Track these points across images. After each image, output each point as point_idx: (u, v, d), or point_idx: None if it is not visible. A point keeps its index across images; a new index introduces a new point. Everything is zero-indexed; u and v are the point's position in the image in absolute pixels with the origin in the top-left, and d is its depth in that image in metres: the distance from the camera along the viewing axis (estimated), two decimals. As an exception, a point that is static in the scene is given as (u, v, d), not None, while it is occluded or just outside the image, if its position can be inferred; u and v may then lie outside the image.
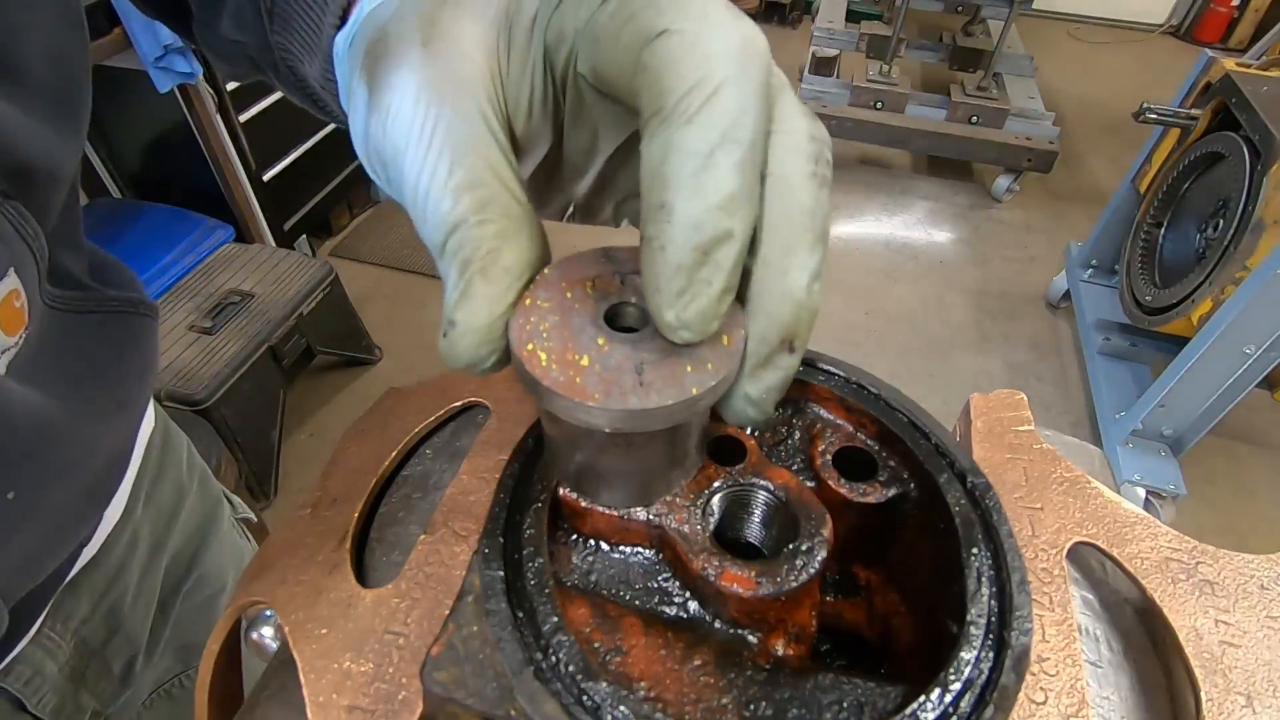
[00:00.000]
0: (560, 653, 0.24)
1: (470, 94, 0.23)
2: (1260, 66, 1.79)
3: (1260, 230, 1.53)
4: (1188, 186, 1.89)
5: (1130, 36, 4.54)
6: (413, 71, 0.23)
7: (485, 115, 0.23)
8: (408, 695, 0.26)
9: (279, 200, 2.27)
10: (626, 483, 0.28)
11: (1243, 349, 1.57)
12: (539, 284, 0.25)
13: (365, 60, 0.25)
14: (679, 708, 0.24)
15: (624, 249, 0.26)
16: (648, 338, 0.23)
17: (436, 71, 0.23)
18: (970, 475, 0.29)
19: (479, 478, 0.33)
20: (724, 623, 0.28)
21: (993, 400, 0.37)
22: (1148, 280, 1.92)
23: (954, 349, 2.32)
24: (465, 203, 0.22)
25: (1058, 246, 2.67)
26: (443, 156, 0.22)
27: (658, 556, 0.30)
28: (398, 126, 0.23)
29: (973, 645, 0.24)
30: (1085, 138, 3.42)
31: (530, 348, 0.23)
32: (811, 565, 0.26)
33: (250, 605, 0.33)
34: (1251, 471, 2.02)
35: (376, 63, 0.24)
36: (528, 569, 0.27)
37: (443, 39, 0.24)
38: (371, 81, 0.24)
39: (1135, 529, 0.31)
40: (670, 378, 0.22)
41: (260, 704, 0.31)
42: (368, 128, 0.24)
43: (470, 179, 0.22)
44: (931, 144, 2.82)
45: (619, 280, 0.25)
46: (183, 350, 1.65)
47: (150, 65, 1.70)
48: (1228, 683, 0.27)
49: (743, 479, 0.29)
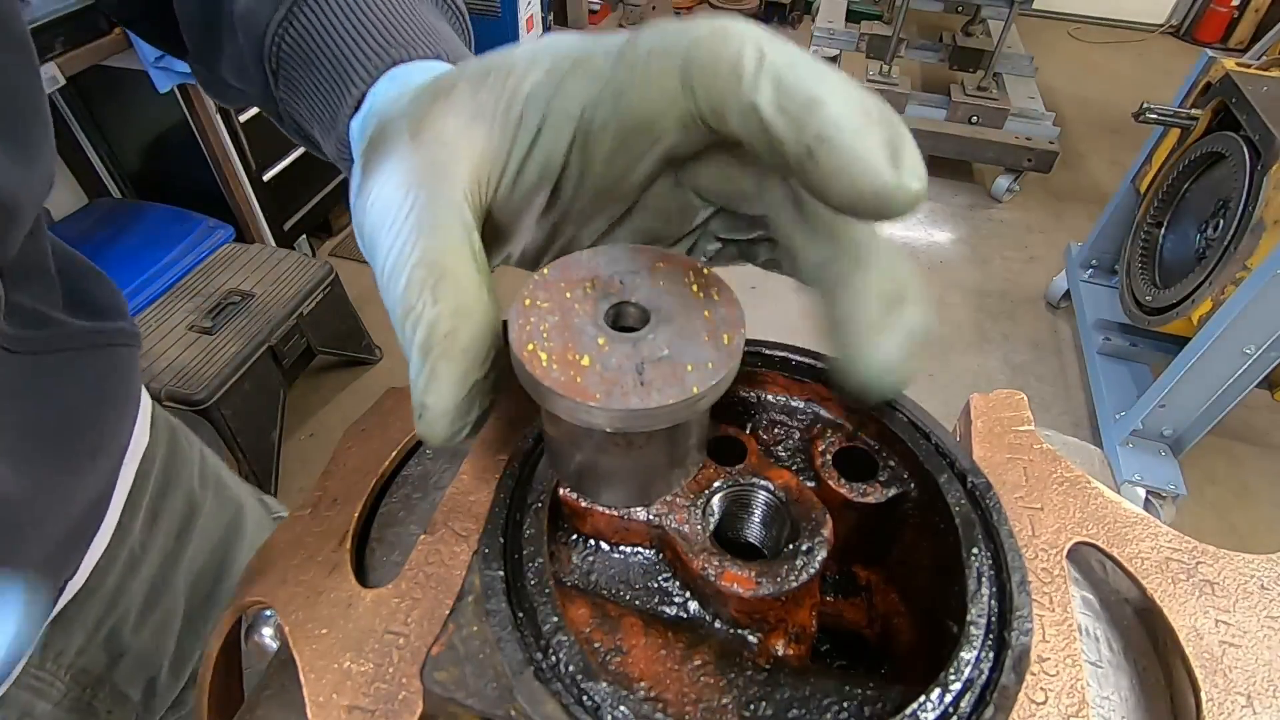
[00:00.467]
0: (560, 653, 0.24)
1: (447, 179, 0.25)
2: (1260, 66, 1.79)
3: (1260, 230, 1.53)
4: (1188, 186, 1.89)
5: (1130, 36, 4.54)
6: (399, 160, 0.25)
7: (457, 200, 0.24)
8: (408, 695, 0.26)
9: (279, 200, 2.27)
10: (627, 482, 0.28)
11: (1243, 349, 1.57)
12: (539, 284, 0.25)
13: (365, 149, 0.27)
14: (679, 708, 0.24)
15: (624, 248, 0.26)
16: (648, 337, 0.23)
17: (419, 160, 0.25)
18: (970, 475, 0.29)
19: (479, 478, 0.33)
20: (724, 623, 0.28)
21: (993, 400, 0.37)
22: (1148, 280, 1.92)
23: (954, 349, 2.32)
24: (421, 280, 0.23)
25: (1058, 246, 2.67)
26: (410, 237, 0.24)
27: (658, 556, 0.30)
28: (378, 209, 0.25)
29: (973, 645, 0.24)
30: (1085, 138, 3.41)
31: (530, 348, 0.23)
32: (811, 565, 0.26)
33: (250, 605, 0.33)
34: (1251, 471, 2.02)
35: (373, 151, 0.27)
36: (528, 569, 0.27)
37: (428, 130, 0.26)
38: (365, 168, 0.27)
39: (1135, 529, 0.31)
40: (671, 377, 0.22)
41: (260, 704, 0.31)
42: (356, 209, 0.26)
43: (430, 259, 0.23)
44: (931, 144, 2.82)
45: (619, 281, 0.25)
46: (183, 350, 1.65)
47: (150, 65, 1.70)
48: (1228, 683, 0.27)
49: (743, 479, 0.29)
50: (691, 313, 0.24)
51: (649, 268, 0.26)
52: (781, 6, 4.25)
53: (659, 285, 0.25)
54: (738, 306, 0.25)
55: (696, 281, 0.25)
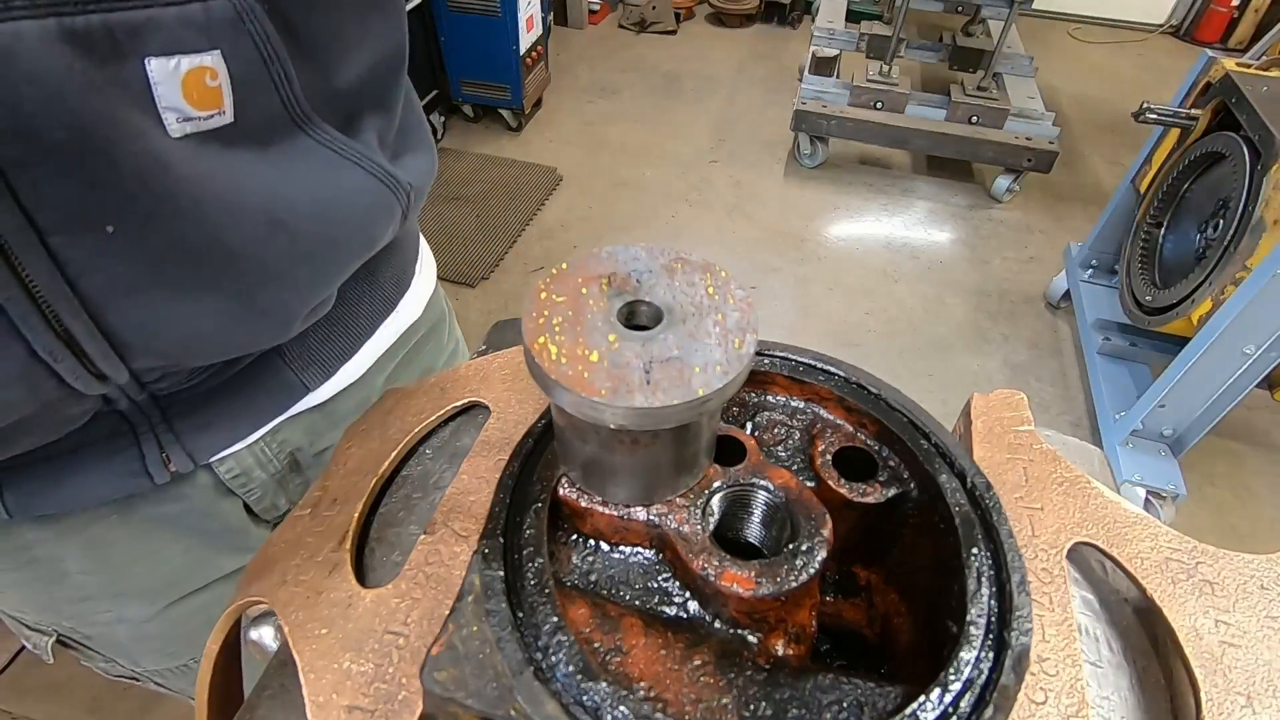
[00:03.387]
0: (560, 653, 0.24)
1: None
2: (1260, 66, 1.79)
3: (1260, 230, 1.53)
4: (1188, 186, 1.88)
5: (1130, 36, 4.53)
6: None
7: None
8: (408, 695, 0.26)
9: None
10: (631, 480, 0.28)
11: (1243, 349, 1.57)
12: (555, 279, 0.25)
13: None
14: (679, 708, 0.24)
15: (642, 248, 0.26)
16: (659, 337, 0.23)
17: None
18: (970, 475, 0.29)
19: (479, 478, 0.33)
20: (724, 623, 0.28)
21: (993, 400, 0.37)
22: (1148, 280, 1.91)
23: (954, 349, 2.32)
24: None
25: (1058, 246, 2.67)
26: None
27: (658, 556, 0.30)
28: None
29: (973, 645, 0.24)
30: (1085, 138, 3.41)
31: (541, 341, 0.23)
32: (811, 565, 0.26)
33: (250, 605, 0.33)
34: (1251, 472, 2.02)
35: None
36: (528, 569, 0.27)
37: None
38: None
39: (1135, 529, 0.31)
40: (678, 378, 0.22)
41: (260, 704, 0.31)
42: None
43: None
44: (931, 144, 2.82)
45: (635, 280, 0.25)
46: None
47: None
48: (1228, 683, 0.27)
49: (743, 479, 0.29)
50: (705, 315, 0.24)
51: (666, 268, 0.26)
52: (781, 7, 4.25)
53: (675, 286, 0.25)
54: (752, 311, 0.25)
55: (713, 284, 0.25)
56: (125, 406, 0.46)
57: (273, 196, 0.41)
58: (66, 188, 0.33)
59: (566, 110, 3.33)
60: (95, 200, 0.34)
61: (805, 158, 3.03)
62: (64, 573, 0.55)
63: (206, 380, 0.49)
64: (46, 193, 0.33)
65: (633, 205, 2.77)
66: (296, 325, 0.48)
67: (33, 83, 0.30)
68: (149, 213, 0.36)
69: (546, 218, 2.66)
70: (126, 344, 0.40)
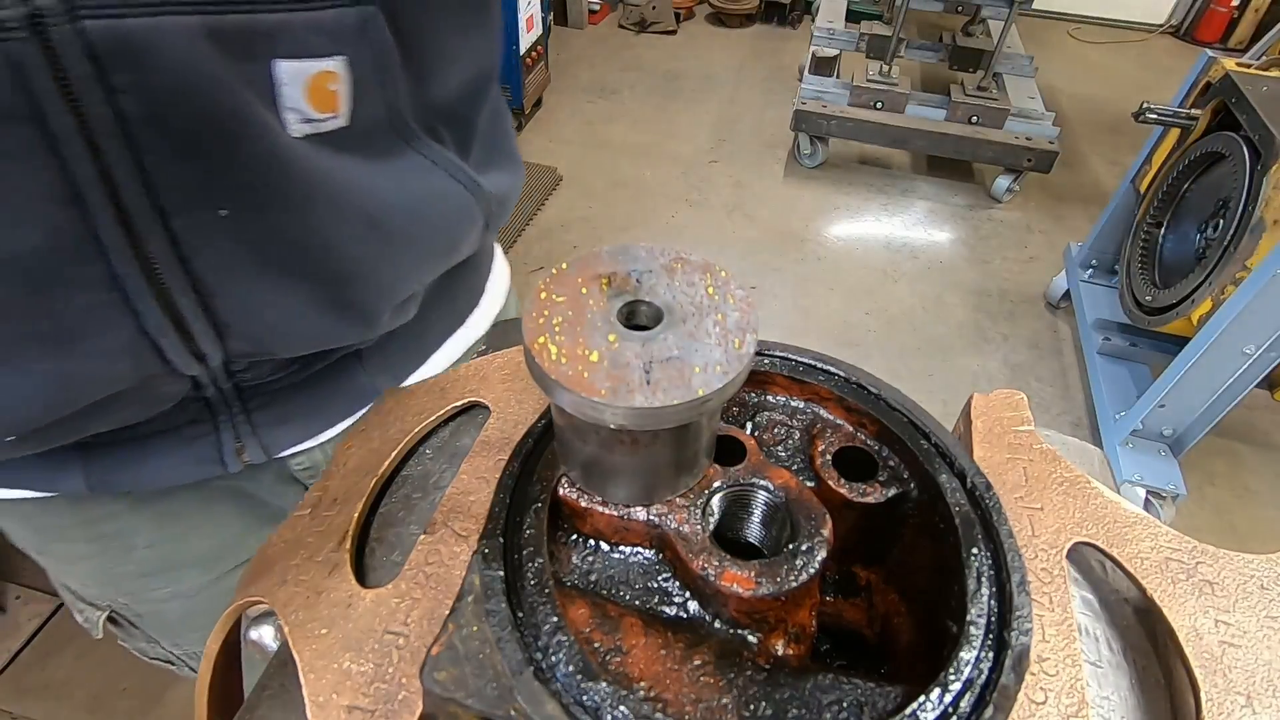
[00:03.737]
0: (560, 653, 0.24)
1: None
2: (1260, 66, 1.79)
3: (1260, 230, 1.53)
4: (1188, 186, 1.88)
5: (1130, 36, 4.53)
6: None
7: None
8: (408, 695, 0.26)
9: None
10: (631, 480, 0.28)
11: (1243, 349, 1.57)
12: (556, 278, 0.25)
13: None
14: (679, 708, 0.24)
15: (642, 247, 0.26)
16: (659, 337, 0.23)
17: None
18: (970, 475, 0.29)
19: (479, 478, 0.33)
20: (724, 623, 0.28)
21: (993, 400, 0.37)
22: (1148, 280, 1.91)
23: (953, 349, 2.32)
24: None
25: (1058, 246, 2.67)
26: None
27: (658, 556, 0.30)
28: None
29: (973, 645, 0.24)
30: (1085, 138, 3.41)
31: (541, 341, 0.23)
32: (811, 565, 0.26)
33: (250, 605, 0.33)
34: (1251, 472, 2.02)
35: None
36: (528, 569, 0.27)
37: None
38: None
39: (1135, 529, 0.31)
40: (678, 378, 0.22)
41: (260, 704, 0.31)
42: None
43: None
44: (931, 144, 2.82)
45: (635, 279, 0.25)
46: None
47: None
48: (1228, 683, 0.27)
49: (743, 479, 0.29)
50: (705, 315, 0.24)
51: (666, 267, 0.26)
52: (781, 7, 4.25)
53: (675, 285, 0.25)
54: (752, 311, 0.25)
55: (713, 284, 0.25)
56: (211, 394, 0.48)
57: (371, 197, 0.43)
58: (191, 174, 0.35)
59: (566, 110, 3.33)
60: (215, 187, 0.36)
61: (805, 158, 3.03)
62: (131, 547, 0.58)
63: (288, 377, 0.51)
64: (172, 177, 0.35)
65: (633, 205, 2.77)
66: (381, 324, 0.50)
67: (173, 74, 0.31)
68: (262, 204, 0.38)
69: (546, 218, 2.66)
70: (226, 324, 0.41)
